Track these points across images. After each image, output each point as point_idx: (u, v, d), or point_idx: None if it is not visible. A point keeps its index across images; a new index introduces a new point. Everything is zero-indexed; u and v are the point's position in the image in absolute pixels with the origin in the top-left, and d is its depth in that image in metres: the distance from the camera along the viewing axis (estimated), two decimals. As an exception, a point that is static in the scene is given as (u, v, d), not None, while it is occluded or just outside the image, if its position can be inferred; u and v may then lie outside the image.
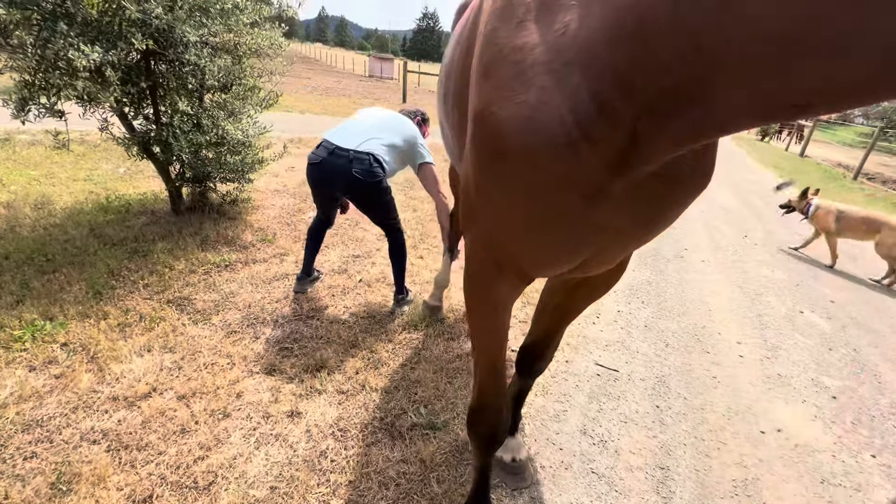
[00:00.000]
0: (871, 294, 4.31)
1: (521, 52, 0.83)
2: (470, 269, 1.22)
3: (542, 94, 0.80)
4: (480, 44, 0.97)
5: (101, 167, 5.00)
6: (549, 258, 1.03)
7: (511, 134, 0.85)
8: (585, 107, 0.77)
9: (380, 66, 31.44)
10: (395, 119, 2.69)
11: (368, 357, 2.43)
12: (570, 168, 0.83)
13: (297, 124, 8.89)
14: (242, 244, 3.55)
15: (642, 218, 0.98)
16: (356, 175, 2.38)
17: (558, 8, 0.80)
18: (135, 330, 2.44)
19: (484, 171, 0.96)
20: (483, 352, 1.33)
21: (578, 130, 0.79)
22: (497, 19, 0.91)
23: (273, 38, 3.59)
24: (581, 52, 0.76)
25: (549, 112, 0.80)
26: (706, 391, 2.51)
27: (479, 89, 0.93)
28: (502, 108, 0.86)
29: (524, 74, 0.82)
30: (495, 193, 0.97)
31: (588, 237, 0.97)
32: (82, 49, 2.52)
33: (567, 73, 0.77)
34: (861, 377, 2.83)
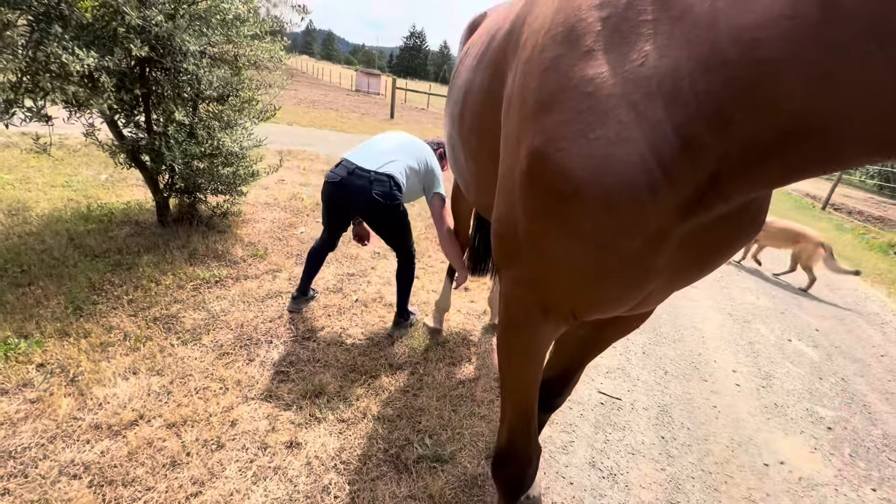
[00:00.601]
0: (852, 323, 4.45)
1: (593, 84, 0.77)
2: (509, 311, 1.12)
3: (621, 130, 0.74)
4: (533, 71, 0.90)
5: (82, 173, 4.79)
6: (607, 302, 0.97)
7: (584, 174, 0.78)
8: (669, 144, 0.72)
9: (367, 81, 31.66)
10: (416, 145, 2.64)
11: (369, 382, 2.34)
12: (646, 212, 0.78)
13: (286, 136, 8.78)
14: (233, 259, 3.42)
15: (699, 260, 0.95)
16: (376, 196, 2.33)
17: (635, 37, 0.75)
18: (119, 350, 2.29)
19: (542, 213, 0.89)
20: (515, 397, 1.25)
21: (660, 170, 0.74)
22: (559, 45, 0.84)
23: (274, 52, 3.54)
24: (664, 83, 0.71)
25: (628, 150, 0.74)
26: (708, 421, 2.51)
27: (539, 123, 0.86)
28: (574, 145, 0.79)
29: (599, 107, 0.76)
30: (553, 236, 0.89)
31: (648, 281, 0.92)
32: (77, 53, 2.41)
33: (648, 107, 0.72)
34: (852, 407, 2.88)
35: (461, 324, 3.10)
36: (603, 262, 0.86)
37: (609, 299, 0.96)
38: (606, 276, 0.89)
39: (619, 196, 0.77)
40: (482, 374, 2.55)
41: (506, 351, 1.20)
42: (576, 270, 0.91)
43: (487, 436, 2.10)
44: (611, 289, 0.93)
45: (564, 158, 0.81)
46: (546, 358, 1.21)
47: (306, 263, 2.85)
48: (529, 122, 0.89)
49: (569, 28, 0.83)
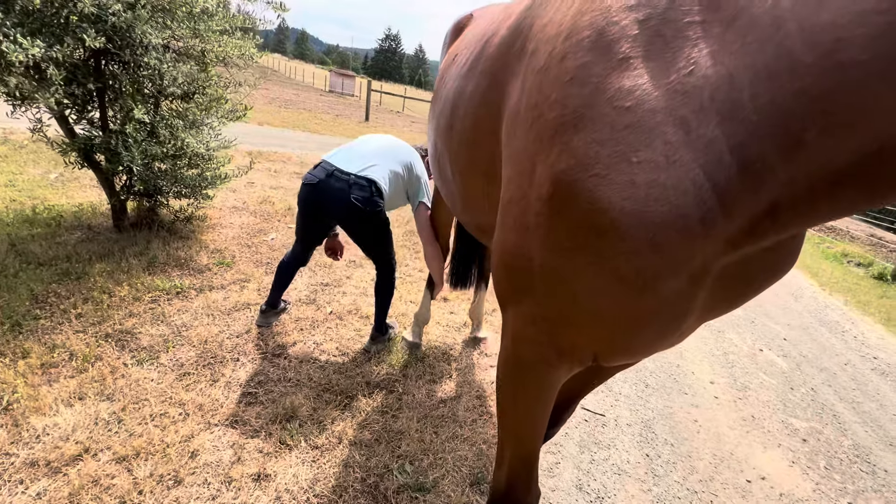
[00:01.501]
0: (815, 332, 4.61)
1: (632, 97, 0.66)
2: (517, 351, 0.99)
3: (670, 152, 0.63)
4: (552, 82, 0.78)
5: (28, 172, 4.41)
6: (638, 347, 0.86)
7: (625, 205, 0.66)
8: (725, 167, 0.61)
9: (341, 81, 31.26)
10: (402, 149, 2.49)
11: (345, 403, 2.19)
12: (696, 249, 0.67)
13: (256, 137, 8.46)
14: (197, 267, 3.20)
15: (734, 294, 0.86)
16: (354, 201, 2.19)
17: (681, 42, 0.64)
18: (63, 372, 2.06)
19: (569, 248, 0.75)
20: (519, 441, 1.12)
21: (715, 199, 0.63)
22: (586, 53, 0.73)
23: (245, 49, 3.34)
24: (718, 95, 0.61)
25: (679, 175, 0.63)
26: (691, 437, 2.49)
27: (564, 143, 0.73)
28: (612, 171, 0.67)
29: (642, 125, 0.65)
30: (581, 275, 0.76)
31: (684, 322, 0.82)
32: (20, 41, 2.17)
33: (700, 123, 0.62)
34: (823, 418, 2.95)
35: (441, 337, 2.99)
36: (641, 305, 0.74)
37: (641, 344, 0.85)
38: (643, 319, 0.77)
39: (668, 232, 0.65)
40: (464, 392, 2.45)
41: (510, 393, 1.07)
42: (605, 314, 0.78)
43: (471, 460, 1.99)
44: (645, 333, 0.81)
45: (600, 186, 0.68)
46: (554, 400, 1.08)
47: (276, 276, 2.68)
48: (550, 141, 0.76)
49: (598, 32, 0.72)
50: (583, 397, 1.53)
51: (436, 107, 1.67)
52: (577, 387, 1.46)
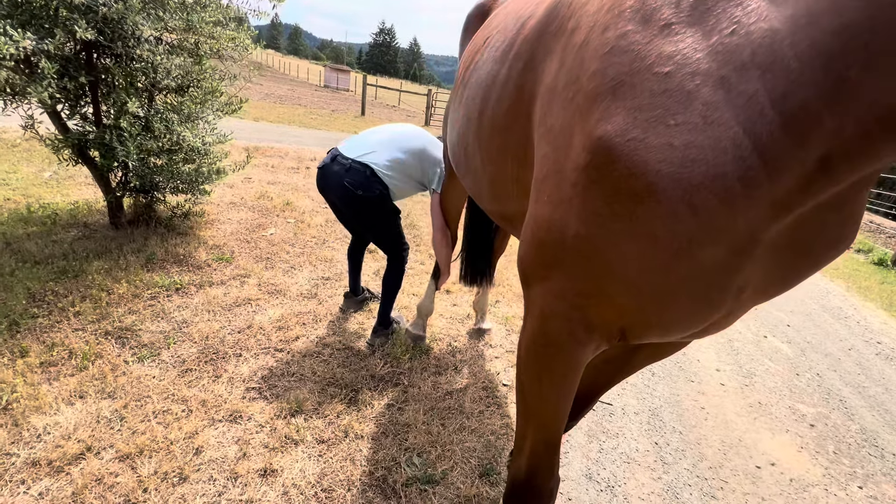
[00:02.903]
0: (818, 318, 4.60)
1: (672, 62, 0.66)
2: (545, 328, 0.96)
3: (708, 111, 0.62)
4: (592, 54, 0.78)
5: (21, 170, 4.35)
6: (672, 323, 0.83)
7: (662, 167, 0.66)
8: (766, 121, 0.60)
9: (336, 76, 31.05)
10: (414, 138, 2.43)
11: (350, 397, 2.17)
12: (736, 212, 0.65)
13: (252, 132, 8.39)
14: (196, 263, 3.16)
15: (790, 267, 0.80)
16: (347, 184, 2.23)
17: (723, 3, 0.64)
18: (63, 370, 2.02)
19: (606, 215, 0.74)
20: (542, 425, 1.09)
21: (756, 156, 0.61)
22: (627, 22, 0.73)
23: (239, 39, 3.28)
24: (759, 50, 0.59)
25: (717, 134, 0.62)
26: (699, 424, 2.47)
27: (603, 110, 0.73)
28: (649, 134, 0.67)
29: (681, 88, 0.64)
30: (617, 243, 0.75)
31: (725, 297, 0.78)
32: (10, 34, 2.12)
33: (740, 80, 0.61)
34: (830, 403, 2.94)
35: (444, 329, 2.97)
36: (675, 271, 0.73)
37: (675, 318, 0.82)
38: (676, 288, 0.75)
39: (706, 193, 0.64)
40: (470, 384, 2.43)
41: (535, 374, 1.04)
42: (639, 283, 0.77)
43: (480, 451, 1.97)
44: (678, 304, 0.78)
45: (637, 150, 0.68)
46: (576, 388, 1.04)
47: (347, 262, 2.92)
48: (588, 111, 0.76)
49: (640, 2, 0.72)
50: (604, 392, 1.49)
51: (462, 93, 1.60)
52: (602, 381, 1.42)
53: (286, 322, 2.69)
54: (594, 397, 1.49)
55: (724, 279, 0.74)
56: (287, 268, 3.37)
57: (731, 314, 0.88)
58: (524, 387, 1.10)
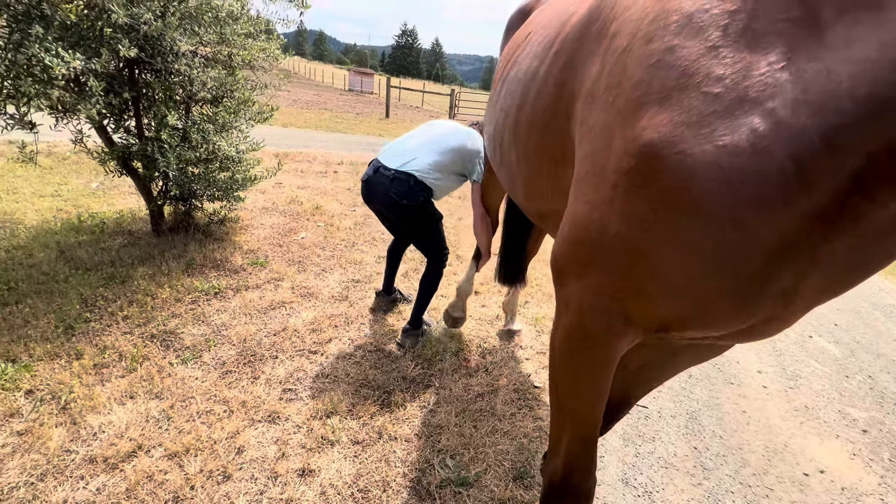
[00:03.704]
0: (869, 316, 4.35)
1: (721, 84, 0.68)
2: (582, 322, 0.97)
3: (756, 139, 0.65)
4: (637, 62, 0.80)
5: (71, 182, 4.62)
6: (716, 322, 0.84)
7: (710, 185, 0.69)
8: (814, 152, 0.63)
9: (360, 80, 31.45)
10: (451, 134, 2.50)
11: (382, 399, 2.20)
12: (782, 226, 0.68)
13: (281, 138, 8.61)
14: (232, 268, 3.27)
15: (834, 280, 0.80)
16: (393, 195, 2.31)
17: (772, 37, 0.66)
18: (114, 372, 2.14)
19: (649, 220, 0.77)
20: (577, 422, 1.08)
21: (798, 180, 0.65)
22: (673, 36, 0.75)
23: (269, 50, 3.38)
24: (813, 87, 0.63)
25: (763, 161, 0.66)
26: (740, 428, 2.38)
27: (650, 119, 0.75)
28: (696, 149, 0.69)
29: (730, 112, 0.67)
30: (658, 247, 0.78)
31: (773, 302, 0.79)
32: (61, 55, 2.25)
33: (790, 113, 0.64)
34: (884, 407, 2.77)
35: (474, 330, 2.97)
36: (715, 281, 0.76)
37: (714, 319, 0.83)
38: (717, 295, 0.78)
39: (750, 213, 0.68)
40: (501, 386, 2.42)
41: (572, 369, 1.04)
42: (680, 288, 0.79)
43: (513, 454, 1.96)
44: (718, 309, 0.80)
45: (685, 162, 0.71)
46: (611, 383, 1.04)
47: (386, 260, 3.01)
48: (633, 118, 0.79)
49: (686, 17, 0.74)
50: (642, 397, 1.46)
51: (500, 89, 1.63)
52: (641, 383, 1.39)
53: (319, 324, 2.76)
54: (631, 402, 1.46)
55: (764, 287, 0.76)
56: (318, 271, 3.45)
57: (776, 319, 0.87)
58: (559, 384, 1.10)
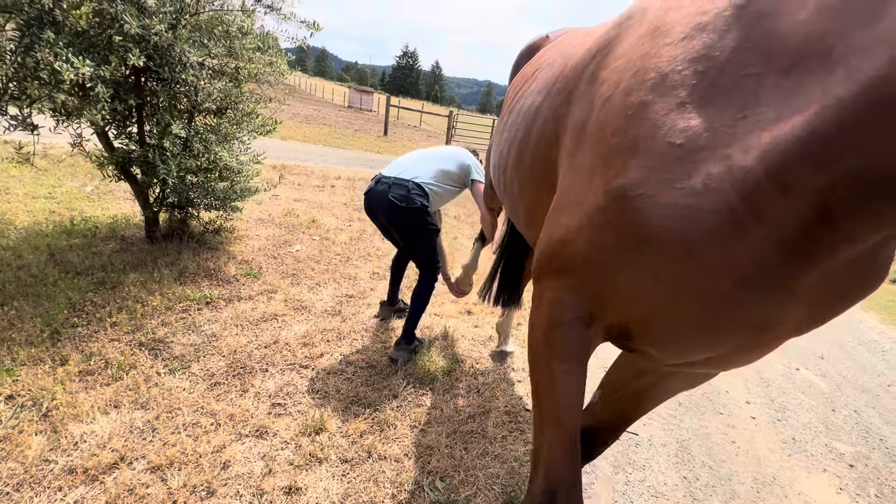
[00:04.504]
0: (853, 350, 4.42)
1: (683, 136, 0.77)
2: (552, 313, 1.04)
3: (709, 181, 0.74)
4: (617, 112, 0.89)
5: (66, 184, 4.58)
6: (677, 343, 0.92)
7: (666, 225, 0.78)
8: (762, 189, 0.71)
9: (360, 97, 31.93)
10: (447, 151, 2.75)
11: (373, 416, 2.17)
12: (734, 255, 0.76)
13: (280, 150, 8.66)
14: (225, 278, 3.25)
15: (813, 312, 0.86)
16: (392, 199, 2.41)
17: (737, 90, 0.74)
18: (99, 379, 2.09)
19: (616, 248, 0.87)
20: (555, 420, 1.07)
21: (749, 214, 0.73)
22: (648, 92, 0.84)
23: (276, 64, 3.44)
24: (764, 133, 0.70)
25: (714, 200, 0.74)
26: (729, 459, 2.39)
27: (622, 164, 0.85)
28: (658, 193, 0.79)
29: (688, 160, 0.76)
30: (624, 271, 0.88)
31: (736, 328, 0.85)
32: (71, 61, 2.27)
33: (742, 157, 0.72)
34: (870, 442, 2.80)
35: (467, 351, 2.96)
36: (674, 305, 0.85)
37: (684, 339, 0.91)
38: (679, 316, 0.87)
39: (702, 244, 0.77)
40: (492, 408, 2.40)
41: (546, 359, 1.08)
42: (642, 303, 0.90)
43: (503, 478, 1.94)
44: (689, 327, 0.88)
45: (647, 204, 0.81)
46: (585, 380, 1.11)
47: (390, 271, 3.09)
48: (611, 161, 0.88)
49: (661, 76, 0.83)
50: (634, 421, 1.47)
51: (507, 119, 1.74)
52: (632, 407, 1.41)
53: (311, 338, 2.73)
54: (623, 425, 1.47)
55: (727, 314, 0.83)
56: (312, 284, 3.44)
57: (753, 347, 0.94)
58: (538, 382, 1.13)
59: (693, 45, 0.81)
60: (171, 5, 2.73)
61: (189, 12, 2.85)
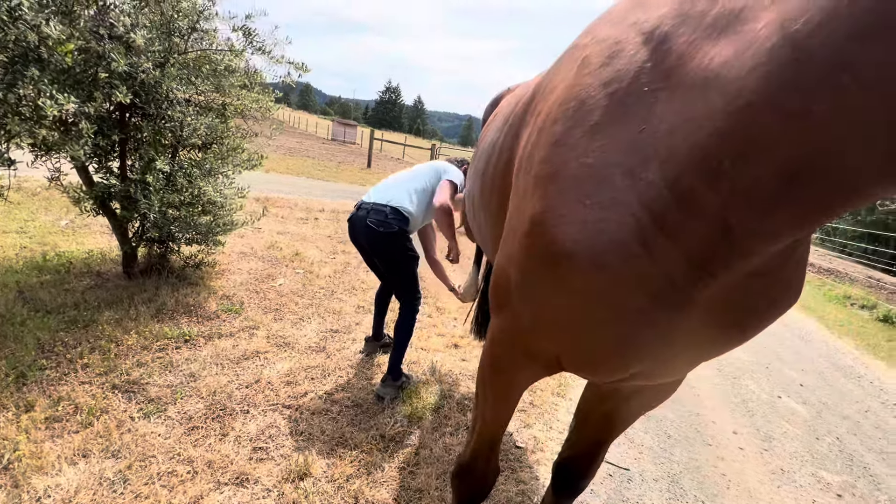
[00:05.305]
0: (831, 377, 4.52)
1: (594, 155, 0.81)
2: (494, 352, 1.20)
3: (616, 194, 0.78)
4: (543, 142, 0.93)
5: (39, 218, 4.45)
6: (602, 361, 0.99)
7: (578, 237, 0.82)
8: (663, 199, 0.75)
9: (343, 130, 32.44)
10: (429, 165, 2.74)
11: (360, 459, 2.09)
12: (643, 267, 0.80)
13: (263, 183, 8.62)
14: (205, 314, 3.15)
15: (733, 323, 0.91)
16: (370, 224, 2.42)
17: (638, 107, 0.78)
18: (68, 426, 1.97)
19: (535, 270, 0.93)
20: (487, 427, 1.37)
21: (654, 226, 0.76)
22: (567, 119, 0.87)
23: (262, 101, 3.48)
24: (660, 146, 0.74)
25: (621, 211, 0.78)
26: (721, 493, 2.37)
27: (543, 191, 0.89)
28: (569, 211, 0.83)
29: (596, 176, 0.80)
30: (547, 293, 0.94)
31: (654, 342, 0.90)
32: (56, 97, 2.26)
33: (643, 169, 0.76)
34: (854, 470, 2.82)
35: (454, 386, 2.91)
36: (597, 316, 0.89)
37: (606, 357, 0.97)
38: (600, 330, 0.91)
39: (610, 255, 0.80)
40: (482, 445, 2.35)
41: (483, 387, 1.31)
42: (564, 322, 0.95)
43: (495, 521, 1.88)
44: (608, 345, 0.94)
45: (560, 224, 0.85)
46: (520, 398, 1.36)
47: (374, 306, 3.06)
48: (534, 189, 0.93)
49: (579, 103, 0.87)
50: (607, 446, 1.52)
51: (474, 158, 1.91)
52: (603, 433, 1.46)
53: (295, 377, 2.65)
54: (599, 451, 1.52)
55: (645, 323, 0.86)
56: (296, 319, 3.37)
57: (672, 360, 0.99)
58: (477, 392, 1.38)
59: (606, 70, 0.85)
60: (160, 44, 2.77)
61: (178, 51, 2.89)
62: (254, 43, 3.03)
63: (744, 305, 0.91)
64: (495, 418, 1.33)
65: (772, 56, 0.60)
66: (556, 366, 1.10)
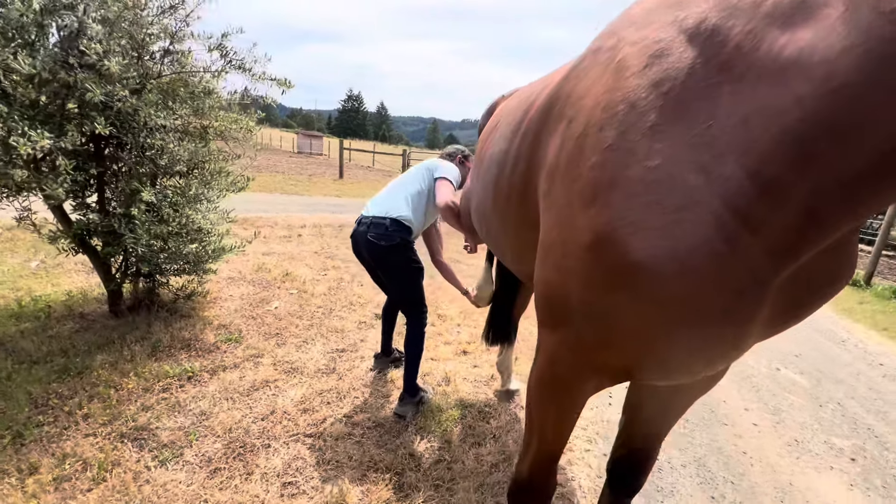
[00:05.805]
0: (819, 344, 4.72)
1: (659, 156, 0.79)
2: (553, 371, 1.13)
3: (690, 194, 0.76)
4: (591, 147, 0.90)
5: (6, 262, 4.16)
6: (682, 366, 0.96)
7: (656, 245, 0.79)
8: (744, 193, 0.73)
9: (309, 142, 31.88)
10: (422, 166, 2.67)
11: (394, 481, 2.03)
12: (728, 266, 0.77)
13: (238, 202, 8.31)
14: (204, 347, 3.01)
15: (798, 304, 0.92)
16: (371, 238, 2.38)
17: (700, 102, 0.77)
18: (79, 485, 1.84)
19: (609, 285, 0.88)
20: (544, 441, 1.28)
21: (735, 220, 0.74)
22: (619, 123, 0.85)
23: (242, 122, 3.36)
24: (733, 138, 0.73)
25: (699, 211, 0.75)
26: (746, 471, 2.42)
27: (603, 198, 0.85)
28: (641, 218, 0.80)
29: (666, 178, 0.78)
30: (620, 306, 0.88)
31: (735, 339, 0.89)
32: (28, 134, 2.11)
33: (718, 165, 0.74)
34: (860, 433, 2.94)
35: (471, 393, 2.88)
36: (675, 329, 0.86)
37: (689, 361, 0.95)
38: (678, 342, 0.88)
39: (695, 258, 0.77)
40: (513, 452, 2.32)
41: (542, 404, 1.22)
42: (642, 339, 0.91)
43: (542, 529, 1.85)
44: (681, 354, 0.92)
45: (633, 232, 0.81)
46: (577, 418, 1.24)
47: (381, 322, 3.01)
48: (591, 198, 0.88)
49: (630, 105, 0.85)
50: (663, 438, 1.52)
51: (478, 169, 1.84)
52: (657, 424, 1.46)
53: (309, 403, 2.56)
54: (655, 444, 1.52)
55: (730, 319, 0.84)
56: (299, 342, 3.26)
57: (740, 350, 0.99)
58: (532, 411, 1.28)
59: (653, 71, 0.84)
60: (135, 70, 2.64)
61: (153, 76, 2.76)
62: (233, 62, 2.92)
63: (807, 284, 0.91)
64: (558, 435, 1.26)
65: (870, 35, 0.60)
66: (624, 375, 1.06)
